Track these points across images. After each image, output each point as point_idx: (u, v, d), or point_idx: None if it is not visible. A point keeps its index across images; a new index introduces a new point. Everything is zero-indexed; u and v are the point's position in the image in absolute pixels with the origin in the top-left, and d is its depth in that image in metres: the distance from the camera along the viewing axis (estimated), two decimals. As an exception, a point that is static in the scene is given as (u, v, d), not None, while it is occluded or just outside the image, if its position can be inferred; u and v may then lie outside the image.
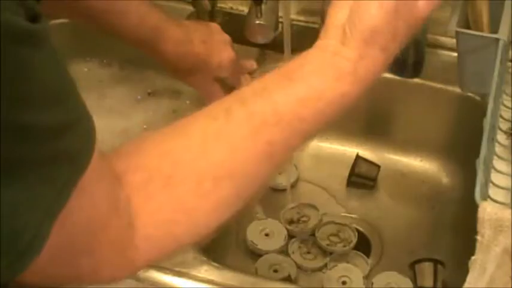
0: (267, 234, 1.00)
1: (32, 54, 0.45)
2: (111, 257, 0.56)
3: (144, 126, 1.04)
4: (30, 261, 0.48)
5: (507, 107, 0.88)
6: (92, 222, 0.53)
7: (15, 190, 0.46)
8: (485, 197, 0.74)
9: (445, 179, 1.10)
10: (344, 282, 0.95)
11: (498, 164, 0.81)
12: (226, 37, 0.97)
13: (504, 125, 0.86)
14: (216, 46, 0.95)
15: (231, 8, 1.16)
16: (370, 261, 0.99)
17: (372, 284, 0.95)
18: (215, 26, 0.99)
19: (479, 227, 0.70)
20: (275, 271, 0.96)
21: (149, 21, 0.90)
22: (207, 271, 0.79)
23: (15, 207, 0.47)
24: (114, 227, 0.55)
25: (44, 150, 0.47)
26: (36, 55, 0.46)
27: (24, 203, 0.47)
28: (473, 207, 0.71)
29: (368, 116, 1.12)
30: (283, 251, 0.99)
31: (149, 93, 1.09)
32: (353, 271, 0.96)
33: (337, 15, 0.60)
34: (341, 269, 0.96)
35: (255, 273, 0.95)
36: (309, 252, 1.00)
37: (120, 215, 0.55)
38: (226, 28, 1.00)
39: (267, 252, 0.98)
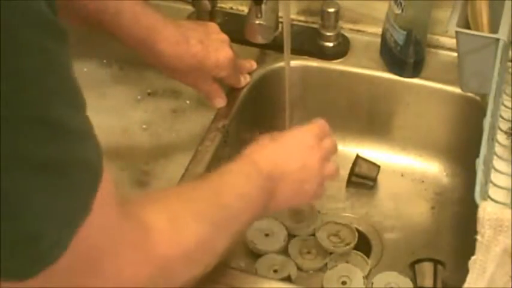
0: (267, 234, 1.00)
1: (59, 50, 0.46)
2: (131, 255, 0.58)
3: (144, 126, 1.04)
4: (43, 267, 0.49)
5: (507, 107, 0.88)
6: (107, 231, 0.55)
7: (42, 194, 0.47)
8: (485, 197, 0.74)
9: (445, 179, 1.10)
10: (344, 282, 0.95)
11: (498, 164, 0.80)
12: (224, 36, 0.97)
13: (504, 125, 0.85)
14: (213, 45, 0.95)
15: (231, 8, 1.16)
16: (370, 261, 0.99)
17: (372, 284, 0.95)
18: (213, 26, 0.98)
19: (479, 227, 0.70)
20: (275, 271, 0.96)
21: (144, 21, 0.89)
22: (206, 271, 0.79)
23: (40, 211, 0.47)
24: (129, 229, 0.58)
25: (70, 154, 0.48)
26: (62, 51, 0.46)
27: (49, 208, 0.48)
28: (473, 207, 0.71)
29: (368, 116, 1.12)
30: (283, 251, 0.99)
31: (149, 93, 1.09)
32: (353, 271, 0.96)
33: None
34: (341, 269, 0.96)
35: (255, 273, 0.95)
36: (309, 252, 1.00)
37: (131, 218, 0.59)
38: (226, 28, 1.00)
39: (267, 252, 0.98)
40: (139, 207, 0.61)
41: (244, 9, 1.11)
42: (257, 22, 1.00)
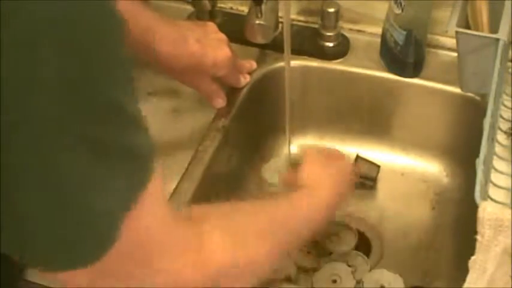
0: (267, 234, 1.00)
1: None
2: (181, 257, 0.59)
3: (144, 126, 1.04)
4: (109, 246, 0.50)
5: (507, 107, 0.88)
6: (155, 230, 0.56)
7: (102, 173, 0.48)
8: (485, 197, 0.74)
9: (445, 179, 1.10)
10: (334, 281, 0.95)
11: (498, 164, 0.80)
12: (222, 36, 0.97)
13: (504, 125, 0.85)
14: (211, 45, 0.94)
15: (231, 8, 1.16)
16: (370, 261, 0.99)
17: (363, 283, 0.95)
18: (211, 26, 0.98)
19: (479, 227, 0.70)
20: (275, 271, 0.96)
21: (142, 22, 0.89)
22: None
23: (100, 190, 0.49)
24: (181, 233, 0.59)
25: (127, 137, 0.50)
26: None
27: (107, 189, 0.49)
28: (473, 207, 0.71)
29: (368, 116, 1.12)
30: (283, 251, 0.99)
31: (149, 93, 1.08)
32: (343, 270, 0.96)
33: None
34: (331, 267, 0.97)
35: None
36: (309, 252, 1.00)
37: (183, 222, 0.60)
38: (226, 28, 1.00)
39: (267, 252, 0.98)
40: (199, 219, 0.62)
41: (244, 9, 1.11)
42: (257, 22, 1.00)
